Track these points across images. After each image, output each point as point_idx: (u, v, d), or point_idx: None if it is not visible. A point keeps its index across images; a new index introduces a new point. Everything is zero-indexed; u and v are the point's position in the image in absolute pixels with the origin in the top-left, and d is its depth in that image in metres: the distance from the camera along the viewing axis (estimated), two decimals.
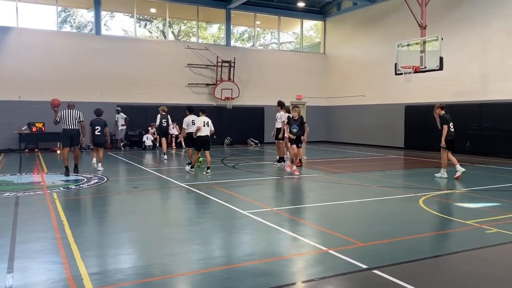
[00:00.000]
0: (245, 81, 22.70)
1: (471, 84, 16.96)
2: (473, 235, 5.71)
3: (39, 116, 18.09)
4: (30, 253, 4.91)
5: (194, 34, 23.31)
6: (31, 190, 8.91)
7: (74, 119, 11.12)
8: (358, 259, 4.60)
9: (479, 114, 16.64)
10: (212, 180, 10.43)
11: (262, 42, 26.46)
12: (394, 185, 9.97)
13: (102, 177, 10.70)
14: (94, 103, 18.52)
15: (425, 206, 7.40)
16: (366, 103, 22.07)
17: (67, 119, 11.07)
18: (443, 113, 10.82)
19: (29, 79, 18.30)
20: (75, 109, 11.28)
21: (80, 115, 11.26)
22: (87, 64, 19.36)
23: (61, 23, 20.86)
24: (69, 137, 11.17)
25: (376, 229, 6.07)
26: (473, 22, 16.86)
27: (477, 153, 16.45)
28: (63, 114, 11.10)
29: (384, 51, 20.36)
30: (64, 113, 11.10)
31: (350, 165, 13.73)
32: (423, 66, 14.38)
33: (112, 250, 5.12)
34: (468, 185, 9.65)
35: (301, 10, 24.03)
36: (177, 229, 6.09)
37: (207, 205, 7.70)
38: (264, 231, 5.95)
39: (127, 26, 22.51)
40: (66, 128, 11.11)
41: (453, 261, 4.76)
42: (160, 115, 15.33)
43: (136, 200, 8.30)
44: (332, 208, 7.59)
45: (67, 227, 5.93)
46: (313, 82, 24.73)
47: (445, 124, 10.68)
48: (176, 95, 21.18)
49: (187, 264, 4.63)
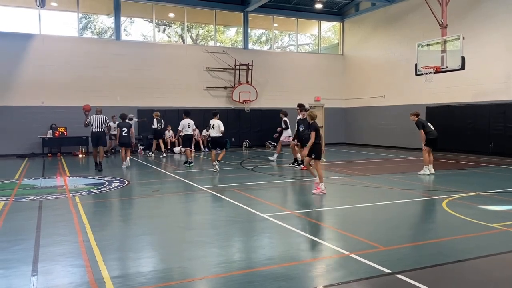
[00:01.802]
0: (263, 84, 22.70)
1: (494, 83, 16.58)
2: (499, 239, 5.56)
3: (61, 121, 18.48)
4: (54, 256, 4.98)
5: (212, 38, 23.44)
6: (54, 194, 9.07)
7: (101, 123, 12.75)
8: (381, 263, 4.52)
9: (503, 114, 16.24)
10: (232, 183, 10.44)
11: (279, 44, 26.45)
12: (416, 187, 9.80)
13: (123, 181, 10.82)
14: (115, 107, 18.88)
15: (448, 209, 7.24)
16: (386, 104, 21.80)
17: (95, 122, 12.68)
18: (417, 119, 11.62)
19: (51, 85, 18.70)
20: (102, 114, 12.94)
21: (106, 119, 12.95)
22: (107, 69, 19.67)
23: (82, 29, 21.25)
24: (96, 138, 12.76)
25: (398, 233, 5.97)
26: (496, 20, 16.48)
27: (502, 154, 16.06)
28: (92, 118, 12.71)
29: (404, 52, 20.10)
30: (92, 118, 12.71)
31: (370, 167, 13.56)
32: (444, 66, 14.11)
33: (133, 253, 5.16)
34: (493, 187, 9.40)
35: (318, 11, 23.91)
36: (197, 232, 6.10)
37: (227, 208, 7.70)
38: (284, 235, 5.90)
39: (147, 31, 22.84)
40: (94, 131, 12.71)
41: (478, 265, 4.63)
42: (155, 120, 17.38)
43: (157, 203, 8.36)
44: (353, 211, 7.50)
45: (89, 231, 6.01)
46: (332, 83, 24.57)
47: (421, 128, 11.56)
48: (195, 99, 21.34)
49: (207, 267, 4.62)
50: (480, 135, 17.10)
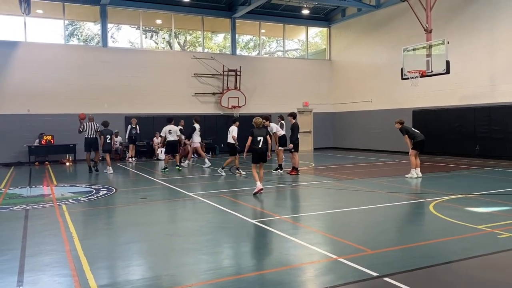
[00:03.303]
0: (251, 90, 22.76)
1: (479, 87, 16.84)
2: (485, 240, 5.63)
3: (48, 128, 18.29)
4: (40, 266, 4.92)
5: (199, 44, 23.46)
6: (41, 203, 8.96)
7: (93, 130, 14.17)
8: (369, 267, 4.55)
9: (488, 117, 16.50)
10: (220, 189, 10.42)
11: (267, 50, 26.56)
12: (403, 190, 9.89)
13: (111, 188, 10.74)
14: (102, 114, 18.73)
15: (436, 212, 7.31)
16: (373, 109, 21.99)
17: (89, 129, 14.08)
18: (401, 126, 11.94)
19: (37, 93, 18.52)
20: (94, 122, 14.36)
21: (97, 126, 14.28)
22: (94, 76, 19.55)
23: (69, 36, 21.13)
24: (89, 144, 14.18)
25: (386, 236, 6.01)
26: (479, 25, 16.78)
27: (488, 156, 16.30)
28: (85, 125, 14.10)
29: (390, 56, 20.32)
30: (86, 125, 14.12)
31: (358, 171, 13.65)
32: (430, 70, 14.28)
33: (121, 261, 5.12)
34: (479, 189, 9.53)
35: (306, 17, 24.10)
36: (185, 239, 6.08)
37: (215, 214, 7.68)
38: (273, 240, 5.91)
39: (134, 38, 22.75)
40: (88, 137, 14.11)
41: (465, 267, 4.69)
42: (130, 126, 18.32)
43: (145, 211, 8.30)
44: (341, 215, 7.53)
45: (76, 239, 5.94)
46: (320, 88, 24.73)
47: (405, 134, 11.81)
48: (183, 105, 21.29)
49: (196, 274, 4.60)
50: (466, 138, 17.33)
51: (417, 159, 11.85)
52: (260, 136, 9.71)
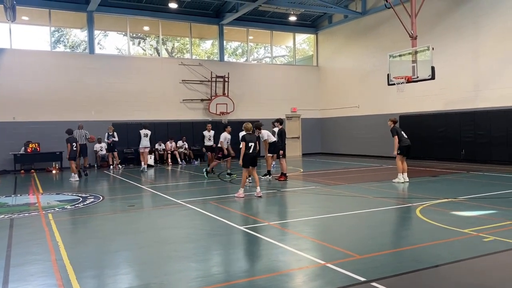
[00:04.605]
0: (239, 96, 22.79)
1: (464, 92, 17.11)
2: (471, 244, 5.70)
3: (34, 136, 18.07)
4: (25, 276, 4.85)
5: (187, 51, 23.45)
6: (26, 212, 8.84)
7: (82, 137, 15.55)
8: (357, 272, 4.57)
9: (473, 122, 16.75)
10: (209, 196, 10.40)
11: (255, 56, 26.64)
12: (391, 195, 9.97)
13: (98, 196, 10.64)
14: (89, 121, 18.61)
15: (422, 216, 7.39)
16: (360, 114, 22.17)
17: (78, 137, 15.23)
18: (393, 126, 11.99)
19: (23, 100, 18.30)
20: (83, 129, 15.85)
21: (86, 133, 15.80)
22: (81, 83, 19.41)
23: (55, 43, 20.94)
24: (79, 150, 14.98)
25: (374, 241, 6.05)
26: (463, 31, 17.07)
27: (473, 160, 16.53)
28: (75, 133, 15.16)
29: (376, 62, 20.54)
30: (76, 132, 15.21)
31: (346, 177, 13.73)
32: (416, 76, 14.49)
33: (108, 270, 5.07)
34: (465, 193, 9.65)
35: (293, 24, 24.26)
36: (173, 247, 6.04)
37: (204, 221, 7.66)
38: (262, 246, 5.91)
39: (121, 44, 22.63)
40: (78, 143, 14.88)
41: (452, 271, 4.74)
42: (107, 134, 18.17)
43: (132, 219, 8.24)
44: (330, 220, 7.56)
45: (63, 248, 5.87)
46: (307, 94, 24.87)
47: (395, 135, 11.85)
48: (171, 111, 21.24)
49: (185, 282, 4.58)
50: (451, 142, 17.56)
51: (404, 164, 11.95)
52: (252, 142, 9.99)
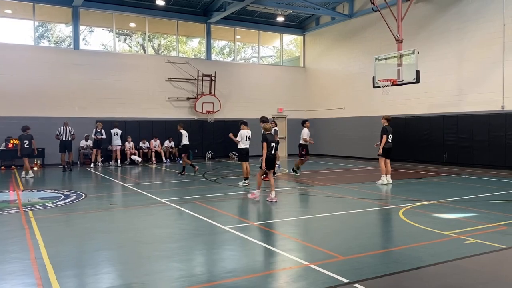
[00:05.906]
0: (226, 95, 22.74)
1: (447, 96, 17.35)
2: (452, 246, 5.77)
3: (15, 132, 17.68)
4: (3, 274, 4.74)
5: (174, 48, 23.30)
6: (5, 209, 8.66)
7: (68, 133, 16.16)
8: (339, 273, 4.59)
9: (456, 126, 17.00)
10: (193, 195, 10.33)
11: (243, 56, 26.61)
12: (374, 196, 10.05)
13: (80, 194, 10.49)
14: (73, 118, 18.36)
15: (405, 218, 7.46)
16: (346, 116, 22.32)
17: (64, 133, 16.09)
18: (386, 125, 11.90)
19: (6, 95, 17.95)
20: (69, 126, 16.34)
21: (71, 130, 16.29)
22: (65, 79, 19.13)
23: (39, 38, 20.58)
24: (64, 146, 16.12)
25: (357, 242, 6.08)
26: (447, 36, 17.32)
27: (455, 163, 16.78)
28: (61, 129, 16.11)
29: (362, 65, 20.71)
30: (61, 129, 16.13)
31: (331, 178, 13.80)
32: (400, 79, 14.63)
33: (89, 269, 4.99)
34: (447, 196, 9.78)
35: (280, 24, 24.31)
36: (156, 247, 5.98)
37: (187, 221, 7.61)
38: (246, 247, 5.89)
39: (107, 40, 22.38)
40: (63, 139, 16.09)
41: (433, 272, 4.78)
42: (95, 130, 17.89)
43: (114, 217, 8.14)
44: (313, 221, 7.58)
45: (42, 247, 5.76)
46: (294, 95, 24.94)
47: (384, 134, 11.79)
48: (156, 109, 21.09)
49: (167, 282, 4.53)
50: (435, 145, 17.79)
51: (388, 166, 12.03)
52: (273, 142, 9.50)
